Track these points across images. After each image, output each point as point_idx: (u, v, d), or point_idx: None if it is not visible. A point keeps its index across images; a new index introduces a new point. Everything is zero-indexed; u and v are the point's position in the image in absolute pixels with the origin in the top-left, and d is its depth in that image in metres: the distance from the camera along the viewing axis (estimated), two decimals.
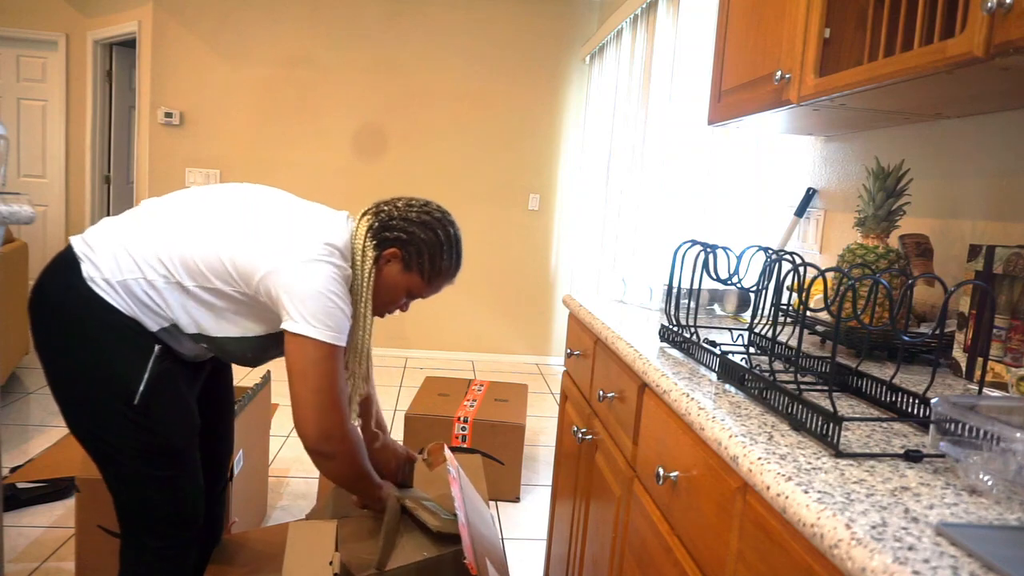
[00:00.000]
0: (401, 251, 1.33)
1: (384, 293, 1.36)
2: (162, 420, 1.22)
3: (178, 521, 1.29)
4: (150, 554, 1.28)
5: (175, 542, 1.30)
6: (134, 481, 1.23)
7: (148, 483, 1.24)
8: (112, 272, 1.17)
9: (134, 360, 1.18)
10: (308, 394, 1.19)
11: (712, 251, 1.09)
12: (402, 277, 1.35)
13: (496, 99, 4.59)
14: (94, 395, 1.17)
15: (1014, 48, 0.79)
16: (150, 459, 1.22)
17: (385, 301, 1.39)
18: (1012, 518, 0.58)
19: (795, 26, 1.29)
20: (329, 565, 1.44)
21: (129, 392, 1.17)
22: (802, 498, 0.60)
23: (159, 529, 1.28)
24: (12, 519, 2.15)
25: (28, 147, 5.00)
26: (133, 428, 1.19)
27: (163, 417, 1.22)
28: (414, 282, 1.36)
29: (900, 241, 1.30)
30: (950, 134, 1.36)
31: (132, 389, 1.18)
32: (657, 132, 3.02)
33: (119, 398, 1.17)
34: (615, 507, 1.24)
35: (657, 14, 3.11)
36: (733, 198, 2.38)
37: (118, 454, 1.21)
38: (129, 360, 1.18)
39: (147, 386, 1.18)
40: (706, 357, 1.06)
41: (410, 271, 1.35)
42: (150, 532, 1.27)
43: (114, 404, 1.17)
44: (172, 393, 1.24)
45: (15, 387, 3.45)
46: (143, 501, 1.25)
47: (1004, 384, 0.98)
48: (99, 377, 1.17)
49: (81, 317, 1.16)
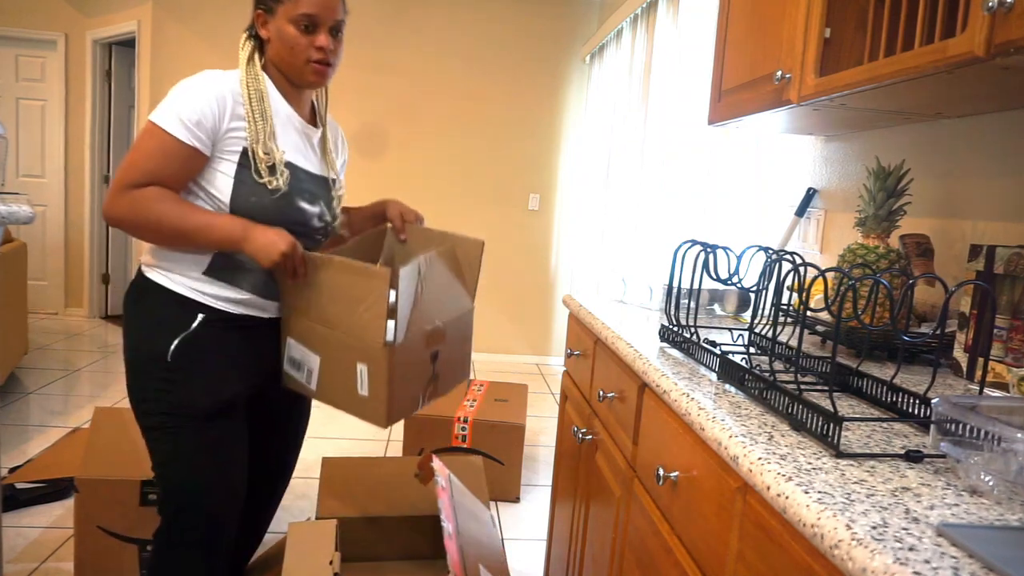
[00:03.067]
0: (256, 8, 1.32)
1: (283, 51, 1.29)
2: (189, 379, 1.25)
3: (199, 513, 1.28)
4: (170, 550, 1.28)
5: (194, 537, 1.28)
6: (159, 448, 1.27)
7: (171, 453, 1.26)
8: (146, 255, 1.31)
9: (175, 327, 1.26)
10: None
11: (712, 251, 1.09)
12: (277, 22, 1.29)
13: (496, 99, 4.59)
14: (139, 358, 1.27)
15: (1015, 48, 0.79)
16: (177, 423, 1.25)
17: (291, 58, 1.29)
18: (1013, 519, 0.58)
19: (795, 26, 1.29)
20: (329, 565, 1.44)
21: (162, 351, 1.24)
22: (802, 498, 0.60)
23: (181, 520, 1.28)
24: (11, 519, 2.14)
25: (27, 147, 4.99)
26: (159, 383, 1.24)
27: (191, 375, 1.25)
28: (285, 10, 1.27)
29: (900, 241, 1.30)
30: (950, 134, 1.36)
31: (165, 348, 1.24)
32: (657, 132, 3.02)
33: (154, 359, 1.25)
34: (615, 507, 1.24)
35: (657, 14, 3.11)
36: (733, 198, 2.37)
37: (148, 414, 1.26)
38: (171, 327, 1.26)
39: (181, 344, 1.24)
40: (706, 357, 1.06)
41: (274, 10, 1.28)
42: (170, 525, 1.28)
43: (150, 364, 1.25)
44: (207, 358, 1.27)
45: (14, 387, 3.45)
46: (165, 477, 1.27)
47: (1005, 384, 0.97)
48: (144, 342, 1.27)
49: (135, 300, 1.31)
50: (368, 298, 1.19)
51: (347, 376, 1.25)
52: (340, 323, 1.23)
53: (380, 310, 1.18)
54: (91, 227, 5.07)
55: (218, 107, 1.22)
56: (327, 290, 1.24)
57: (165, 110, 1.19)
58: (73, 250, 5.11)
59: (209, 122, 1.21)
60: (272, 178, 1.27)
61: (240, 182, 1.25)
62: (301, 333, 1.31)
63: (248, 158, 1.25)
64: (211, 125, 1.21)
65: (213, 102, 1.21)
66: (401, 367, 1.23)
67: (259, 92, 1.27)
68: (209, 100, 1.21)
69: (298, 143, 1.36)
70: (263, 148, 1.25)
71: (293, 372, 1.34)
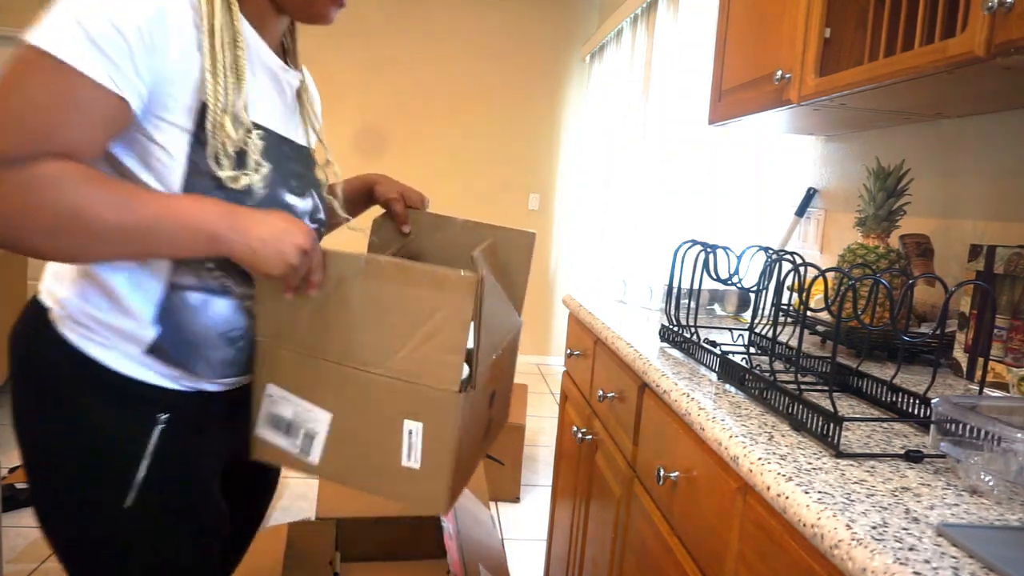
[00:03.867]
0: None
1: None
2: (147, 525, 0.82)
3: None
4: None
5: None
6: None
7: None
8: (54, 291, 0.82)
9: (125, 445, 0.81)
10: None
11: (712, 251, 1.09)
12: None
13: (496, 98, 4.59)
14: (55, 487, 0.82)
15: (1015, 48, 0.79)
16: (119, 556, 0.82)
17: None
18: (1013, 519, 0.58)
19: (795, 26, 1.29)
20: (329, 565, 1.44)
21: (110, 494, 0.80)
22: (802, 498, 0.60)
23: None
24: (11, 519, 2.14)
25: None
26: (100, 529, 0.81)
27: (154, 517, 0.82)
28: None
29: (900, 241, 1.30)
30: (950, 134, 1.36)
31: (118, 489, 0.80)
32: (657, 131, 3.02)
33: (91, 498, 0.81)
34: (615, 507, 1.24)
35: (657, 13, 3.11)
36: (733, 198, 2.37)
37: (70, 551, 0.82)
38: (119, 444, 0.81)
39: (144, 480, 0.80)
40: (706, 357, 1.06)
41: None
42: None
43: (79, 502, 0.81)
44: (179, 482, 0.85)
45: None
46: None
47: (1005, 384, 0.97)
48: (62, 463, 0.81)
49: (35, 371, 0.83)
50: (434, 319, 0.80)
51: (382, 441, 0.84)
52: (379, 360, 0.82)
53: (456, 339, 0.80)
54: None
55: (160, 24, 0.70)
56: (360, 308, 0.82)
57: (62, 24, 0.67)
58: None
59: (143, 50, 0.68)
60: (239, 173, 0.77)
61: (196, 170, 0.75)
62: (296, 377, 0.86)
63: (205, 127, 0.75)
64: (147, 57, 0.69)
65: (152, 13, 0.69)
66: (465, 423, 0.84)
67: (230, 23, 0.76)
68: (145, 9, 0.68)
69: (273, 97, 0.87)
70: (231, 118, 0.76)
71: (274, 438, 0.88)
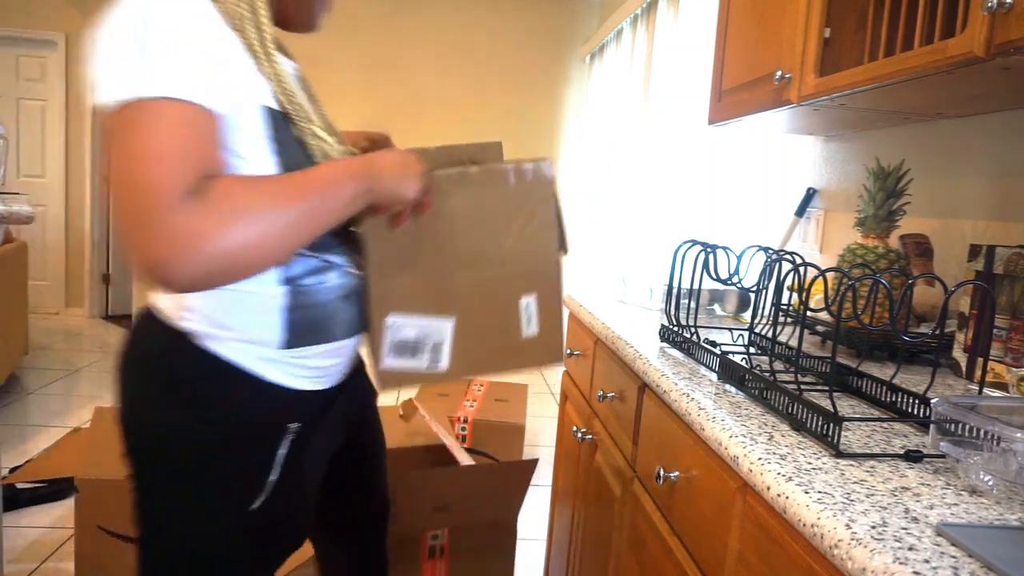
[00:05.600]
0: None
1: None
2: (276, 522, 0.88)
3: None
4: None
5: None
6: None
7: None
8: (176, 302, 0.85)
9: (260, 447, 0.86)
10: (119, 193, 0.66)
11: (712, 251, 1.09)
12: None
13: (496, 98, 4.59)
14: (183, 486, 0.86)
15: (1015, 48, 0.79)
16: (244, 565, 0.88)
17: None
18: (1013, 518, 0.58)
19: (795, 26, 1.29)
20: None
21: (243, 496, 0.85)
22: (802, 498, 0.60)
23: None
24: (11, 519, 2.14)
25: (28, 147, 4.99)
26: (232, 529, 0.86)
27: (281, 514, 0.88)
28: None
29: (900, 241, 1.30)
30: (950, 134, 1.36)
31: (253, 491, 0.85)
32: (657, 132, 3.02)
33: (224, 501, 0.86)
34: (615, 507, 1.24)
35: (657, 13, 3.11)
36: (733, 198, 2.38)
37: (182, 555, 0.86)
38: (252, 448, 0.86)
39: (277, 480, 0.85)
40: (706, 357, 1.06)
41: None
42: None
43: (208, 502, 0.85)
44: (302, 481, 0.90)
45: (14, 387, 3.45)
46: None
47: (1004, 384, 0.97)
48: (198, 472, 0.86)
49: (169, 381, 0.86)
50: (529, 204, 0.93)
51: (504, 323, 0.96)
52: (489, 255, 0.94)
53: (548, 216, 0.95)
54: (91, 227, 5.07)
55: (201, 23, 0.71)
56: (463, 216, 0.92)
57: (146, 68, 0.66)
58: (73, 250, 5.11)
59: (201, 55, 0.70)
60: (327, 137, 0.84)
61: (280, 142, 0.77)
62: (415, 299, 0.93)
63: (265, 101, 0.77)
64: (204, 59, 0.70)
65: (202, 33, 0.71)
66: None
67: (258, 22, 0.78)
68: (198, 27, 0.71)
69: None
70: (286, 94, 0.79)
71: (402, 363, 0.95)
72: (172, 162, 0.65)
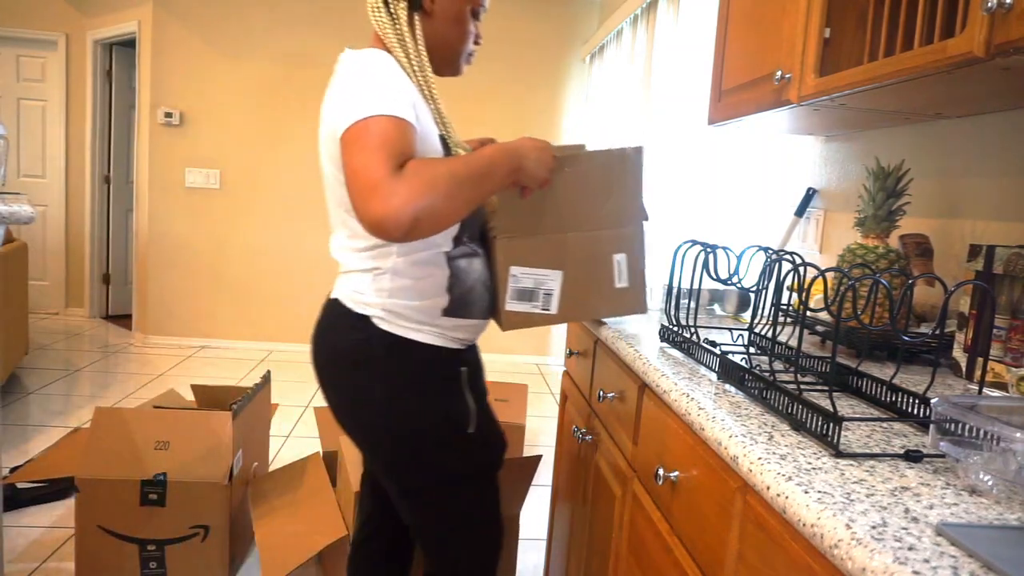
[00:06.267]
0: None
1: (451, 33, 1.15)
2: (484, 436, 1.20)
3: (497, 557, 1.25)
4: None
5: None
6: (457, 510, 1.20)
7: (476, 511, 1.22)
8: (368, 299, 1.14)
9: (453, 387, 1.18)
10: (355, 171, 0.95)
11: (712, 251, 1.09)
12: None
13: (496, 98, 4.59)
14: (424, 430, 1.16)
15: (1014, 48, 0.79)
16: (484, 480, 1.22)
17: (458, 45, 1.17)
18: (1012, 518, 0.58)
19: (795, 26, 1.29)
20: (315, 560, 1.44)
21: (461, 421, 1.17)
22: (802, 498, 0.60)
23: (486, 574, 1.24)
24: (12, 519, 2.15)
25: (28, 147, 5.00)
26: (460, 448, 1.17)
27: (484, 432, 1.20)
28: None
29: (900, 241, 1.30)
30: (950, 134, 1.36)
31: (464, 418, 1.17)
32: (657, 132, 3.02)
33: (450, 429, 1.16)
34: (615, 507, 1.24)
35: (657, 14, 3.11)
36: (733, 198, 2.38)
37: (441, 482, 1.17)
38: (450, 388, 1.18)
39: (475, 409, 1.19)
40: (706, 357, 1.06)
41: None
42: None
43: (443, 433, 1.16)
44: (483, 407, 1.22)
45: (15, 387, 3.45)
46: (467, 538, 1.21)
47: (1004, 384, 0.98)
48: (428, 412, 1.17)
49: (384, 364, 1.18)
50: (623, 181, 1.16)
51: (601, 276, 1.19)
52: (591, 219, 1.16)
53: (636, 187, 1.17)
54: (92, 227, 5.07)
55: (399, 75, 1.05)
56: (572, 189, 1.15)
57: (367, 100, 0.97)
58: (74, 250, 5.11)
59: (400, 93, 1.01)
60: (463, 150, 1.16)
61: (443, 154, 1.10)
62: (531, 254, 1.16)
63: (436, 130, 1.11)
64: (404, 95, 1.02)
65: (403, 85, 1.04)
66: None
67: (426, 78, 1.11)
68: (399, 81, 1.03)
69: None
70: (444, 125, 1.14)
71: (521, 307, 1.18)
72: (387, 149, 0.94)
